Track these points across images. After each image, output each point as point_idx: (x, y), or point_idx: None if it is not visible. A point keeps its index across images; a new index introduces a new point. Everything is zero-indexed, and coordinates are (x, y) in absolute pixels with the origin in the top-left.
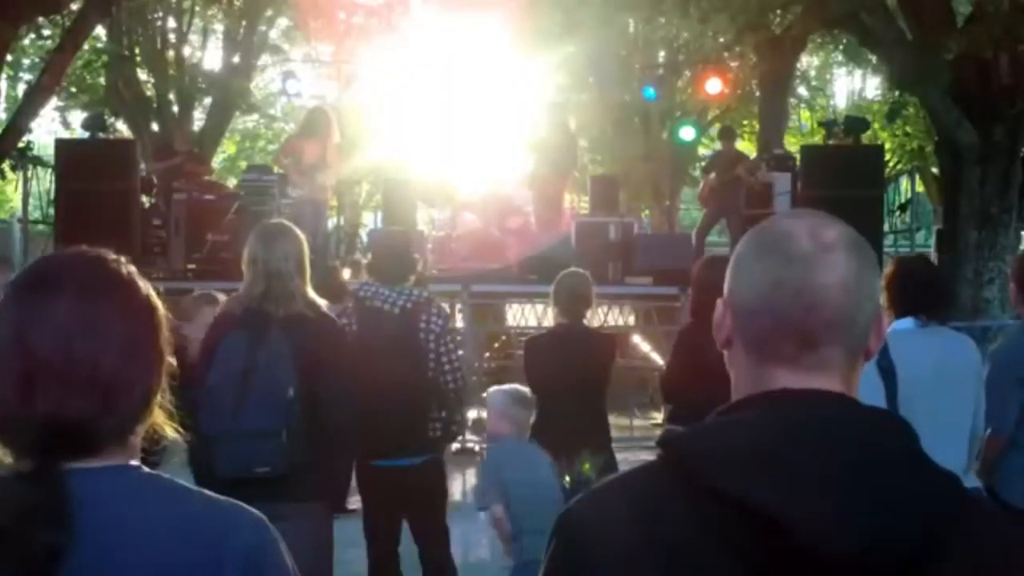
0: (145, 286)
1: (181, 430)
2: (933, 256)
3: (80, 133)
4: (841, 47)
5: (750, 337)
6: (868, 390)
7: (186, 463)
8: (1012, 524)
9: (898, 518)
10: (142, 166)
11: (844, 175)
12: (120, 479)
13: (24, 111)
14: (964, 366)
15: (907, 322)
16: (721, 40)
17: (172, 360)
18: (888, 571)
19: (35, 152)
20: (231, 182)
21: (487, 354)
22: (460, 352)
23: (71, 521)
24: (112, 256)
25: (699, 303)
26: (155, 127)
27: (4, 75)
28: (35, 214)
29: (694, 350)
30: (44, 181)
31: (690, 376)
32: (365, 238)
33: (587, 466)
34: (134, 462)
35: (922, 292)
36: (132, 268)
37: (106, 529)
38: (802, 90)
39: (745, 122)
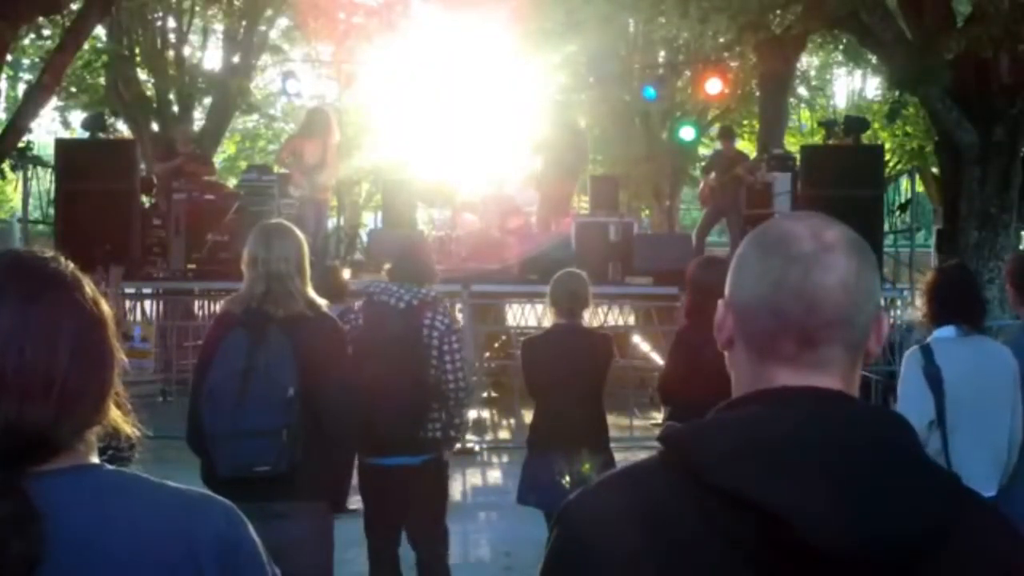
0: (90, 284)
1: (138, 427)
2: (933, 256)
3: (80, 133)
4: (841, 47)
5: (751, 337)
6: (916, 397)
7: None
8: (1012, 524)
9: (898, 516)
10: (142, 166)
11: (844, 175)
12: (85, 479)
13: (24, 111)
14: (1003, 374)
15: (948, 330)
16: (721, 40)
17: (123, 357)
18: (888, 568)
19: (35, 152)
20: (231, 182)
21: (487, 354)
22: (463, 352)
23: (42, 529)
24: (53, 256)
25: (695, 304)
26: (155, 127)
27: (4, 75)
28: (35, 214)
29: (691, 351)
30: (44, 181)
31: (687, 378)
32: (365, 238)
33: (587, 466)
34: (94, 459)
35: (962, 301)
36: (74, 267)
37: (79, 529)
38: (802, 90)
39: (745, 122)
